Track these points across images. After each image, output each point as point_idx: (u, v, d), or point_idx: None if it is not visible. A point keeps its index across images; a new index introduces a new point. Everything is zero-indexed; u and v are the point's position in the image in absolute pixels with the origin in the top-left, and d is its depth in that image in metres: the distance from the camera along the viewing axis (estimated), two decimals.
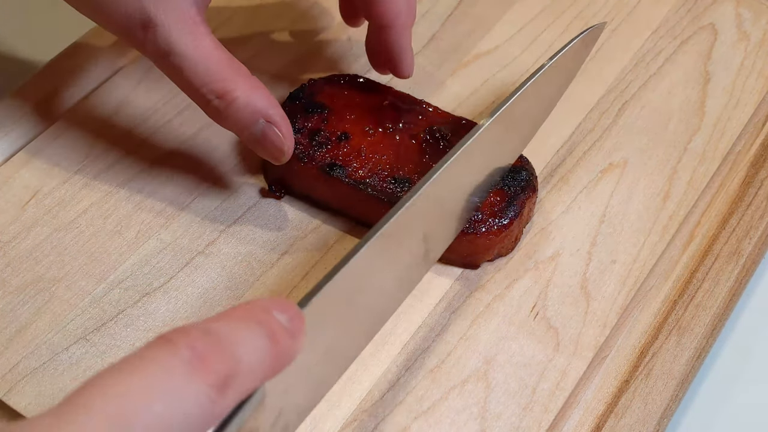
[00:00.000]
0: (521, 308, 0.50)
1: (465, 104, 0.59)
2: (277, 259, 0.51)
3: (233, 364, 0.29)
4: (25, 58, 0.66)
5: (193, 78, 0.47)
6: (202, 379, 0.28)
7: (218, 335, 0.29)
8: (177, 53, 0.47)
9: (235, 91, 0.47)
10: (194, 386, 0.28)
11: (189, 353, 0.28)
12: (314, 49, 0.61)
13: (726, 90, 0.60)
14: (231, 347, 0.29)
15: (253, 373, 0.30)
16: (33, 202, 0.53)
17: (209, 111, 0.48)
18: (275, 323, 0.31)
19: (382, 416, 0.46)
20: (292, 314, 0.32)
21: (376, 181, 0.51)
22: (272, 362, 0.31)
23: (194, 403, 0.27)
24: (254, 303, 0.31)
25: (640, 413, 0.47)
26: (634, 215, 0.54)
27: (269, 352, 0.30)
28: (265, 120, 0.48)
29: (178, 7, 0.47)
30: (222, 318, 0.30)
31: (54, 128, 0.56)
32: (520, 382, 0.47)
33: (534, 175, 0.52)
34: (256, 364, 0.30)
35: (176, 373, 0.27)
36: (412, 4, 0.53)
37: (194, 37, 0.47)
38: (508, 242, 0.51)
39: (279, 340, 0.31)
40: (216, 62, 0.47)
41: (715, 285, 0.52)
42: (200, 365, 0.28)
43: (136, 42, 0.48)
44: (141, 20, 0.47)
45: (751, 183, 0.56)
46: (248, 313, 0.31)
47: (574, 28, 0.63)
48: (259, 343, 0.30)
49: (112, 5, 0.47)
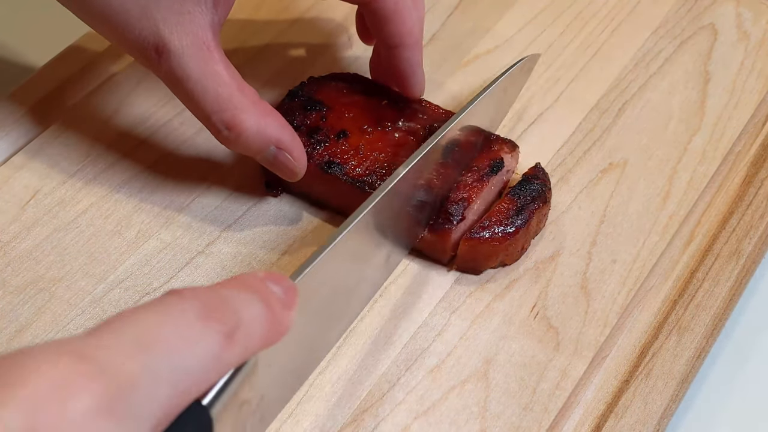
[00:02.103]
0: (521, 308, 0.50)
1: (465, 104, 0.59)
2: (277, 259, 0.51)
3: (237, 320, 0.30)
4: (25, 58, 0.66)
5: (203, 105, 0.48)
6: (213, 326, 0.30)
7: (223, 294, 0.31)
8: (188, 79, 0.47)
9: (245, 121, 0.48)
10: (206, 331, 0.29)
11: (199, 304, 0.30)
12: (314, 48, 0.61)
13: (726, 90, 0.60)
14: (234, 305, 0.31)
15: (254, 333, 0.31)
16: (33, 202, 0.53)
17: (220, 139, 0.49)
18: (269, 293, 0.33)
19: (383, 416, 0.46)
20: (285, 286, 0.33)
21: (373, 179, 0.51)
22: (268, 329, 0.32)
23: (205, 348, 0.29)
24: (249, 275, 0.33)
25: (641, 413, 0.47)
26: (635, 215, 0.54)
27: (266, 317, 0.32)
28: (276, 147, 0.49)
29: (192, 32, 0.47)
30: (224, 283, 0.32)
31: (54, 128, 0.56)
32: (521, 382, 0.47)
33: (548, 187, 0.52)
34: (256, 326, 0.31)
35: (190, 317, 0.29)
36: (422, 19, 0.52)
37: (206, 64, 0.47)
38: (513, 251, 0.51)
39: (274, 308, 0.32)
40: (226, 90, 0.47)
41: (715, 285, 0.52)
42: (209, 317, 0.30)
43: (149, 64, 0.48)
44: (155, 44, 0.47)
45: (752, 183, 0.56)
46: (245, 283, 0.32)
47: (573, 28, 0.63)
48: (257, 307, 0.32)
49: (128, 27, 0.47)
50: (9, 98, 0.57)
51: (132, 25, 0.47)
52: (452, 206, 0.49)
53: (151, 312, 0.29)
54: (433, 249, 0.51)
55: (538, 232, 0.53)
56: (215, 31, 0.48)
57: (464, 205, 0.49)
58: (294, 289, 0.34)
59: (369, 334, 0.48)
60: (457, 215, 0.49)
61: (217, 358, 0.30)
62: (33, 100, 0.57)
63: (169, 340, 0.29)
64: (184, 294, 0.30)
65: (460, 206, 0.49)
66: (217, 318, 0.30)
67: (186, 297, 0.30)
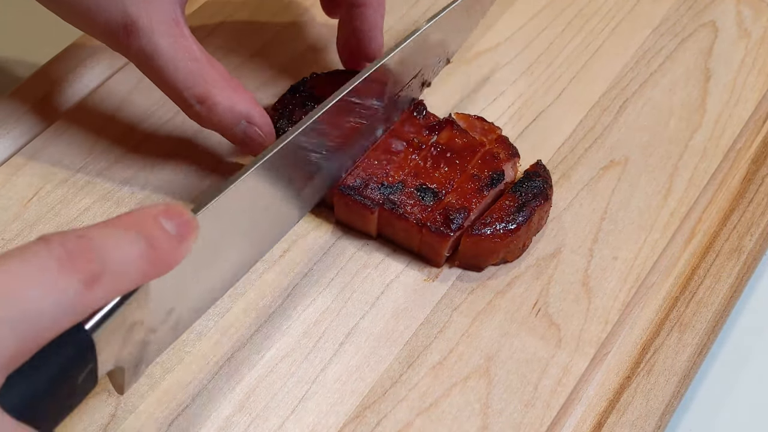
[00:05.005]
0: (523, 305, 0.50)
1: (466, 101, 0.59)
2: (279, 258, 0.51)
3: (102, 264, 0.32)
4: (27, 56, 0.66)
5: (174, 81, 0.48)
6: (71, 274, 0.31)
7: (91, 239, 0.33)
8: (159, 56, 0.47)
9: (216, 95, 0.48)
10: (64, 279, 0.31)
11: (62, 251, 0.32)
12: (318, 45, 0.61)
13: (727, 87, 0.61)
14: (100, 250, 0.33)
15: (125, 274, 0.33)
16: (35, 200, 0.53)
17: (191, 114, 0.49)
18: (157, 230, 0.34)
19: (385, 413, 0.46)
20: (181, 221, 0.35)
21: (365, 184, 0.51)
22: (149, 266, 0.34)
23: (63, 293, 0.31)
24: (144, 210, 0.35)
25: (642, 410, 0.47)
26: (636, 212, 0.54)
27: (145, 256, 0.34)
28: (246, 121, 0.49)
29: (160, 9, 0.47)
30: (103, 224, 0.34)
31: (56, 126, 0.56)
32: (522, 379, 0.47)
33: (549, 184, 0.52)
34: (130, 266, 0.33)
35: (50, 266, 0.31)
36: None
37: (175, 40, 0.48)
38: (514, 248, 0.51)
39: (158, 246, 0.34)
40: (197, 66, 0.48)
41: (716, 282, 0.52)
42: (70, 263, 0.32)
43: (119, 45, 0.48)
44: (124, 23, 0.47)
45: (752, 180, 0.56)
46: (132, 221, 0.34)
47: (574, 26, 0.63)
48: (134, 248, 0.33)
49: (96, 10, 0.47)
50: (11, 96, 0.57)
51: (100, 8, 0.47)
52: (453, 213, 0.49)
53: (14, 259, 0.31)
54: (429, 250, 0.50)
55: (539, 229, 0.53)
56: (182, 8, 0.49)
57: (465, 215, 0.49)
58: (189, 222, 0.36)
59: (371, 332, 0.49)
60: (456, 223, 0.49)
61: (73, 304, 0.31)
62: (35, 98, 0.57)
63: (20, 288, 0.30)
64: (50, 240, 0.32)
65: (460, 215, 0.49)
66: (75, 267, 0.31)
67: (51, 243, 0.32)
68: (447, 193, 0.50)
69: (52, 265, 0.31)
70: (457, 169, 0.51)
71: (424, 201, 0.50)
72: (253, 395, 0.46)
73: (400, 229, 0.50)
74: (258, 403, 0.46)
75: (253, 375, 0.47)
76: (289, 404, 0.46)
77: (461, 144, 0.52)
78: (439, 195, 0.50)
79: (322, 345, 0.48)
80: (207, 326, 0.48)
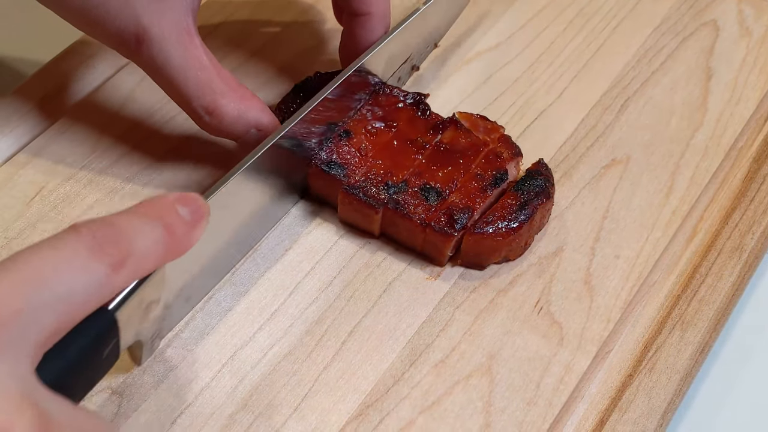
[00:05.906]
0: (525, 303, 0.50)
1: (468, 101, 0.59)
2: (281, 256, 0.51)
3: (127, 249, 0.35)
4: (30, 55, 0.67)
5: (185, 91, 0.48)
6: (100, 259, 0.34)
7: (117, 227, 0.36)
8: (169, 66, 0.48)
9: (225, 106, 0.49)
10: (94, 264, 0.34)
11: (91, 239, 0.35)
12: (321, 43, 0.61)
13: (728, 86, 0.61)
14: (127, 236, 0.36)
15: (147, 257, 0.37)
16: (38, 198, 0.53)
17: (201, 124, 0.50)
18: (174, 217, 0.38)
19: (387, 411, 0.46)
20: (194, 207, 0.39)
21: (370, 184, 0.51)
22: (167, 250, 0.37)
23: (93, 277, 0.34)
24: (162, 198, 0.38)
25: (644, 408, 0.47)
26: (637, 211, 0.54)
27: (164, 241, 0.37)
28: (256, 129, 0.50)
29: (172, 19, 0.47)
30: (126, 212, 0.37)
31: (59, 124, 0.56)
32: (525, 377, 0.48)
33: (551, 183, 0.52)
34: (150, 250, 0.37)
35: (80, 253, 0.34)
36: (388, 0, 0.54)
37: (186, 49, 0.48)
38: (516, 246, 0.51)
39: (174, 231, 0.37)
40: (206, 75, 0.48)
41: (718, 280, 0.52)
42: (99, 249, 0.34)
43: (130, 54, 0.48)
44: (136, 33, 0.47)
45: (754, 178, 0.57)
46: (151, 209, 0.37)
47: (576, 25, 0.64)
48: (154, 233, 0.37)
49: (108, 18, 0.47)
50: (14, 94, 0.57)
51: (112, 16, 0.47)
52: (457, 213, 0.49)
53: (46, 247, 0.34)
54: (432, 250, 0.51)
55: (541, 228, 0.53)
56: (194, 17, 0.49)
57: (468, 214, 0.50)
58: (201, 208, 0.39)
59: (373, 330, 0.49)
60: (460, 223, 0.49)
61: (101, 286, 0.34)
62: (38, 96, 0.57)
63: (55, 273, 0.33)
64: (79, 228, 0.35)
65: (464, 215, 0.50)
66: (104, 252, 0.35)
67: (81, 231, 0.35)
68: (451, 192, 0.50)
69: (82, 252, 0.34)
70: (460, 169, 0.51)
71: (428, 200, 0.50)
72: (256, 393, 0.46)
73: (403, 228, 0.50)
74: (261, 402, 0.46)
75: (256, 373, 0.47)
76: (291, 402, 0.46)
77: (465, 143, 0.52)
78: (442, 194, 0.50)
79: (324, 343, 0.48)
80: (210, 324, 0.48)
